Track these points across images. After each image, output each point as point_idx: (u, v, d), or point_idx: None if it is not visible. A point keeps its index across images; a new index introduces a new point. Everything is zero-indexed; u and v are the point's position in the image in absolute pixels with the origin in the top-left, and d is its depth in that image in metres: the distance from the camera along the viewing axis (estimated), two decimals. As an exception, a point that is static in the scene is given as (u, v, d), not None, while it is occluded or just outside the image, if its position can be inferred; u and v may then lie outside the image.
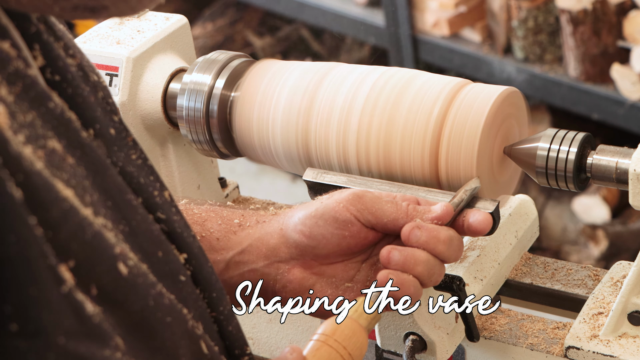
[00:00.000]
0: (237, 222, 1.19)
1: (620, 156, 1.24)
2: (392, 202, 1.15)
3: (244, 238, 1.17)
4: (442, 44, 3.29)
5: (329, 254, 1.15)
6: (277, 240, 1.16)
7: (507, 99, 1.29)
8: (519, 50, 3.10)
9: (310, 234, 1.14)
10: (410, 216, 1.14)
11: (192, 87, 1.40)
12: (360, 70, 1.34)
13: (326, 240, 1.14)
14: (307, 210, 1.16)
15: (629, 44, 2.86)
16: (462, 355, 1.35)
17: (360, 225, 1.14)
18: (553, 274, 1.40)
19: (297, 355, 0.97)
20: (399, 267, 1.11)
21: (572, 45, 2.95)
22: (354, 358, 1.01)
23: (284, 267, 1.16)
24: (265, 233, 1.17)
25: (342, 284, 1.16)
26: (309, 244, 1.15)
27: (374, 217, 1.14)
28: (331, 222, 1.14)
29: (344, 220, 1.14)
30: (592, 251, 3.09)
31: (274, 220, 1.18)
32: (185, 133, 1.42)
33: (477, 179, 1.23)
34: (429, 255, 1.12)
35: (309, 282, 1.15)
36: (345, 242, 1.14)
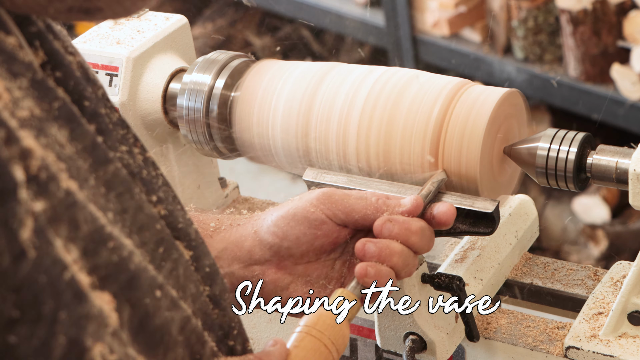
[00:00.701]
0: (213, 225, 1.20)
1: (620, 156, 1.24)
2: (361, 198, 1.18)
3: (219, 242, 1.18)
4: (442, 44, 3.28)
5: (303, 253, 1.17)
6: (252, 242, 1.18)
7: (507, 99, 1.29)
8: (519, 50, 3.10)
9: (284, 235, 1.16)
10: (381, 210, 1.17)
11: (192, 87, 1.40)
12: (360, 70, 1.34)
13: (299, 240, 1.16)
14: (279, 212, 1.18)
15: (629, 44, 2.86)
16: (462, 355, 1.35)
17: (332, 224, 1.16)
18: (553, 274, 1.40)
19: (279, 347, 0.98)
20: (374, 259, 1.13)
21: (572, 45, 2.95)
22: (337, 346, 1.02)
23: (259, 269, 1.18)
24: (240, 236, 1.19)
25: (317, 282, 1.18)
26: (283, 244, 1.16)
27: (345, 214, 1.16)
28: (303, 222, 1.16)
29: (316, 219, 1.16)
30: (592, 251, 3.09)
31: (247, 223, 1.20)
32: (185, 133, 1.42)
33: (442, 171, 1.25)
34: (403, 247, 1.14)
35: (284, 282, 1.17)
36: (318, 241, 1.16)
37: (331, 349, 1.02)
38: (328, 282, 1.18)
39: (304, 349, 1.00)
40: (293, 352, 0.99)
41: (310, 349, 1.01)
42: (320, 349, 1.01)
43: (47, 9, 0.77)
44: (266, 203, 1.61)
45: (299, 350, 1.00)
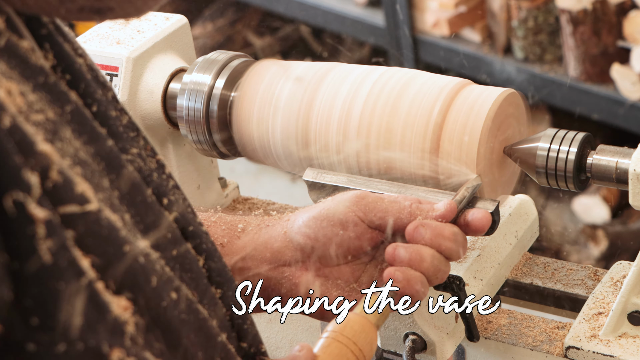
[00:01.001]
0: (241, 227, 1.19)
1: (620, 156, 1.24)
2: (394, 202, 1.16)
3: (248, 243, 1.17)
4: (442, 44, 3.28)
5: (334, 255, 1.15)
6: (281, 244, 1.16)
7: (507, 99, 1.29)
8: (519, 50, 3.10)
9: (315, 237, 1.14)
10: (414, 215, 1.15)
11: (192, 87, 1.40)
12: (360, 70, 1.34)
13: (330, 241, 1.14)
14: (311, 213, 1.16)
15: (629, 44, 2.86)
16: (462, 355, 1.35)
17: (365, 226, 1.15)
18: (553, 274, 1.40)
19: (306, 352, 0.97)
20: (405, 264, 1.11)
21: (572, 45, 2.95)
22: (365, 353, 1.01)
23: (288, 270, 1.16)
24: (269, 237, 1.17)
25: (348, 285, 1.16)
26: (314, 246, 1.15)
27: (378, 218, 1.14)
28: (335, 223, 1.14)
29: (349, 221, 1.14)
30: (592, 251, 3.09)
31: (277, 224, 1.18)
32: (185, 133, 1.42)
33: (478, 176, 1.24)
34: (435, 252, 1.12)
35: (315, 284, 1.16)
36: (350, 243, 1.15)
37: (358, 356, 1.00)
38: (359, 286, 1.16)
39: (330, 355, 0.99)
40: (319, 358, 0.98)
41: (337, 355, 0.99)
42: (347, 356, 0.99)
43: (59, 9, 0.77)
44: (266, 203, 1.61)
45: (326, 356, 0.98)
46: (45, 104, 0.76)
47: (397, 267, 1.10)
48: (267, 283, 1.16)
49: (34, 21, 0.83)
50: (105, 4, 0.77)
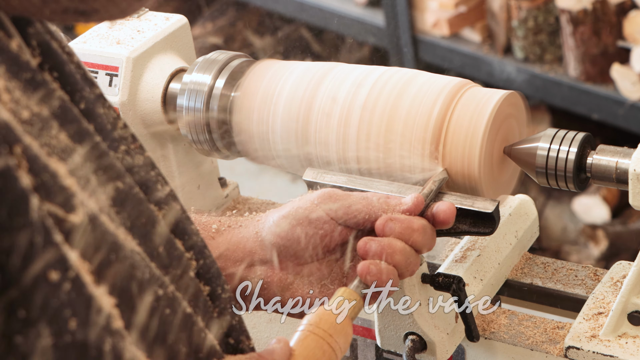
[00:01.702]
0: (215, 227, 1.20)
1: (620, 156, 1.24)
2: (363, 198, 1.18)
3: (221, 243, 1.19)
4: (442, 44, 3.28)
5: (305, 253, 1.17)
6: (253, 243, 1.18)
7: (507, 99, 1.29)
8: (519, 50, 3.10)
9: (285, 235, 1.16)
10: (382, 210, 1.17)
11: (192, 87, 1.40)
12: (360, 70, 1.34)
13: (301, 239, 1.16)
14: (281, 212, 1.18)
15: (629, 44, 2.86)
16: (462, 355, 1.35)
17: (334, 223, 1.16)
18: (553, 274, 1.40)
19: (283, 345, 0.98)
20: (376, 257, 1.13)
21: (572, 45, 2.94)
22: (341, 345, 1.03)
23: (260, 269, 1.17)
24: (242, 237, 1.18)
25: (320, 282, 1.18)
26: (285, 244, 1.16)
27: (346, 214, 1.16)
28: (305, 221, 1.16)
29: (317, 219, 1.16)
30: (592, 251, 3.09)
31: (249, 224, 1.20)
32: (185, 133, 1.42)
33: (444, 170, 1.25)
34: (405, 245, 1.15)
35: (287, 282, 1.17)
36: (320, 241, 1.17)
37: (334, 347, 1.02)
38: (330, 282, 1.18)
39: (307, 348, 1.00)
40: (296, 351, 0.99)
41: (313, 347, 1.01)
42: (324, 348, 1.01)
43: (43, 11, 0.77)
44: (266, 203, 1.61)
45: (302, 349, 1.00)
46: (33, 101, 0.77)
47: (370, 261, 1.13)
48: (240, 282, 1.18)
49: (21, 19, 0.83)
50: (90, 5, 0.78)
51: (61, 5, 0.77)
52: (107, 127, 0.88)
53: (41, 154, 0.74)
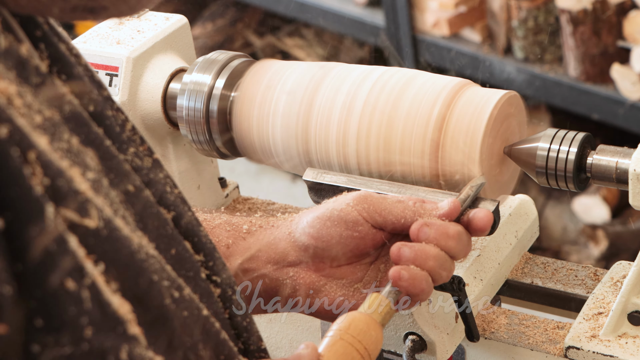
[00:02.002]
0: (246, 228, 1.19)
1: (620, 156, 1.24)
2: (399, 201, 1.16)
3: (253, 244, 1.17)
4: (442, 44, 3.28)
5: (338, 255, 1.15)
6: (286, 244, 1.16)
7: (507, 100, 1.29)
8: (519, 50, 3.10)
9: (319, 236, 1.15)
10: (418, 214, 1.15)
11: (192, 87, 1.40)
12: (360, 70, 1.34)
13: (335, 241, 1.14)
14: (315, 213, 1.16)
15: (629, 44, 2.86)
16: (462, 355, 1.35)
17: (369, 226, 1.15)
18: (553, 274, 1.40)
19: (311, 351, 0.96)
20: (410, 263, 1.11)
21: (572, 45, 2.94)
22: (370, 352, 1.00)
23: (293, 270, 1.16)
24: (274, 238, 1.17)
25: (352, 285, 1.16)
26: (318, 246, 1.15)
27: (382, 217, 1.15)
28: (339, 223, 1.14)
29: (352, 220, 1.14)
30: (592, 251, 3.09)
31: (282, 225, 1.18)
32: (185, 133, 1.42)
33: (482, 175, 1.24)
34: (439, 251, 1.12)
35: (319, 285, 1.16)
36: (354, 243, 1.15)
37: (363, 354, 0.99)
38: (363, 286, 1.16)
39: (335, 354, 0.98)
40: (325, 356, 0.97)
41: (342, 353, 0.98)
42: (353, 354, 0.99)
43: (51, 9, 0.77)
44: (266, 203, 1.61)
45: (331, 355, 0.98)
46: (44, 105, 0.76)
47: (402, 266, 1.10)
48: (271, 284, 1.16)
49: (28, 23, 0.83)
50: (99, 3, 0.77)
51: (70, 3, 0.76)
52: (116, 130, 0.88)
53: (55, 159, 0.74)
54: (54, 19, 0.86)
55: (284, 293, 1.16)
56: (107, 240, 0.76)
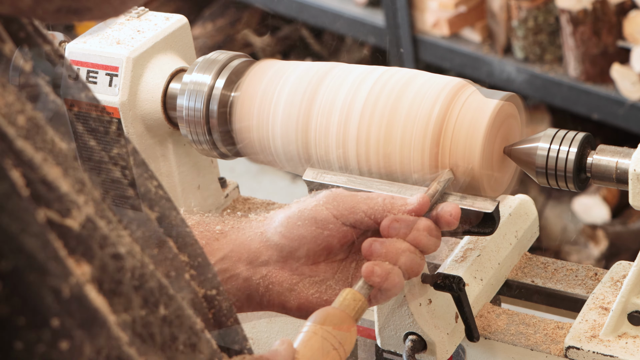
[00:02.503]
0: (219, 228, 1.20)
1: (620, 156, 1.24)
2: (368, 198, 1.18)
3: (225, 244, 1.19)
4: (442, 44, 3.28)
5: (310, 254, 1.17)
6: (258, 244, 1.18)
7: (508, 100, 1.29)
8: (519, 50, 3.10)
9: (290, 235, 1.16)
10: (387, 210, 1.17)
11: (192, 87, 1.40)
12: (360, 70, 1.34)
13: (306, 240, 1.16)
14: (286, 212, 1.18)
15: (629, 44, 2.86)
16: (462, 355, 1.35)
17: (339, 223, 1.17)
18: (553, 274, 1.40)
19: (287, 346, 0.98)
20: (381, 258, 1.13)
21: (572, 45, 2.94)
22: (345, 346, 1.02)
23: (265, 270, 1.18)
24: (246, 238, 1.19)
25: (324, 283, 1.18)
26: (290, 245, 1.17)
27: (352, 214, 1.17)
28: (310, 222, 1.16)
29: (323, 219, 1.16)
30: (592, 251, 3.09)
31: (254, 225, 1.20)
32: (185, 133, 1.42)
33: (449, 170, 1.25)
34: (410, 246, 1.15)
35: (291, 283, 1.17)
36: (325, 241, 1.17)
37: (338, 349, 1.01)
38: (335, 282, 1.18)
39: (311, 349, 1.00)
40: (300, 352, 0.99)
41: (317, 348, 1.00)
42: (328, 349, 1.01)
43: (35, 10, 0.77)
44: (266, 203, 1.61)
45: (306, 350, 1.00)
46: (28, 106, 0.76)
47: (374, 262, 1.13)
48: (245, 283, 1.18)
49: (12, 24, 0.83)
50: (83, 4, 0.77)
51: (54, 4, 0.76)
52: (101, 130, 0.88)
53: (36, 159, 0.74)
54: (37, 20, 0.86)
55: (257, 292, 1.17)
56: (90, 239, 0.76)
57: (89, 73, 1.45)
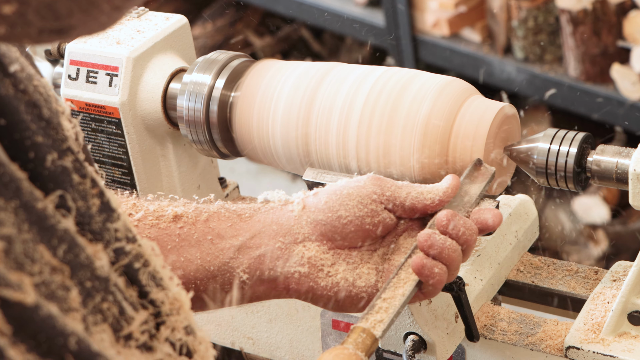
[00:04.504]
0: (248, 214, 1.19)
1: (620, 156, 1.24)
2: (408, 185, 1.17)
3: (255, 223, 1.18)
4: (442, 44, 3.28)
5: (349, 234, 1.16)
6: (295, 221, 1.17)
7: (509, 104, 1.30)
8: (519, 50, 3.10)
9: (329, 211, 1.16)
10: (423, 193, 1.16)
11: (192, 87, 1.40)
12: (360, 70, 1.34)
13: (351, 218, 1.15)
14: (333, 189, 1.17)
15: (629, 44, 2.86)
16: (462, 355, 1.35)
17: (381, 207, 1.16)
18: (553, 274, 1.40)
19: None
20: (436, 254, 1.12)
21: (572, 45, 2.94)
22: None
23: (298, 247, 1.16)
24: (279, 216, 1.18)
25: (356, 267, 1.16)
26: (335, 221, 1.15)
27: (395, 197, 1.16)
28: (354, 200, 1.15)
29: (367, 199, 1.15)
30: (592, 251, 3.09)
31: (287, 205, 1.19)
32: (185, 133, 1.42)
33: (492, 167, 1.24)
34: (460, 247, 1.13)
35: (327, 262, 1.16)
36: (368, 222, 1.15)
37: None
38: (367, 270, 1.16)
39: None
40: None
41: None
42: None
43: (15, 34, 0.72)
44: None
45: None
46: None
47: (434, 262, 1.11)
48: (276, 259, 1.16)
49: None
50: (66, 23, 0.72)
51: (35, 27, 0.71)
52: None
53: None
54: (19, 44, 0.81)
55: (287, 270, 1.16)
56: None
57: (89, 73, 1.45)
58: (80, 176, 0.83)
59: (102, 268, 0.82)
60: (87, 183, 0.83)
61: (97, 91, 1.45)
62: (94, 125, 1.47)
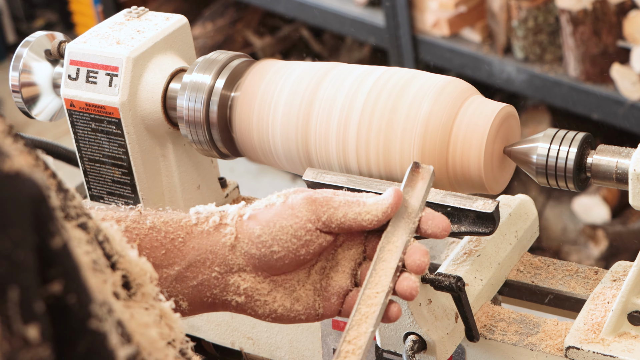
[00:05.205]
0: (181, 237, 1.15)
1: (620, 156, 1.24)
2: (345, 203, 1.13)
3: (190, 251, 1.14)
4: (442, 44, 3.29)
5: (284, 266, 1.14)
6: (229, 251, 1.14)
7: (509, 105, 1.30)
8: (519, 50, 3.10)
9: (270, 248, 1.12)
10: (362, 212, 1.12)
11: (192, 87, 1.40)
12: (360, 70, 1.34)
13: (285, 252, 1.12)
14: (266, 220, 1.13)
15: (629, 44, 2.86)
16: (462, 355, 1.35)
17: (318, 233, 1.13)
18: (553, 274, 1.40)
19: None
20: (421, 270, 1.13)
21: (572, 45, 2.95)
22: None
23: (234, 277, 1.14)
24: (213, 243, 1.14)
25: (294, 290, 1.15)
26: (268, 256, 1.13)
27: (331, 221, 1.12)
28: (290, 235, 1.12)
29: (305, 232, 1.12)
30: (592, 251, 3.09)
31: (220, 228, 1.15)
32: (185, 133, 1.42)
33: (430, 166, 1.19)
34: None
35: (264, 291, 1.14)
36: (303, 252, 1.13)
37: None
38: (305, 292, 1.15)
39: None
40: None
41: None
42: None
43: None
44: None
45: None
46: None
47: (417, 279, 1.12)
48: (213, 289, 1.14)
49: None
50: None
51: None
52: None
53: None
54: None
55: (223, 300, 1.14)
56: None
57: (89, 73, 1.45)
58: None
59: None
60: (40, 165, 0.82)
61: (97, 91, 1.45)
62: (94, 125, 1.47)
